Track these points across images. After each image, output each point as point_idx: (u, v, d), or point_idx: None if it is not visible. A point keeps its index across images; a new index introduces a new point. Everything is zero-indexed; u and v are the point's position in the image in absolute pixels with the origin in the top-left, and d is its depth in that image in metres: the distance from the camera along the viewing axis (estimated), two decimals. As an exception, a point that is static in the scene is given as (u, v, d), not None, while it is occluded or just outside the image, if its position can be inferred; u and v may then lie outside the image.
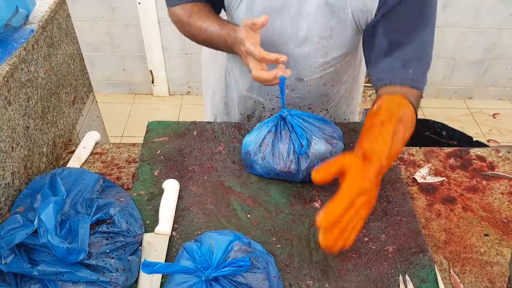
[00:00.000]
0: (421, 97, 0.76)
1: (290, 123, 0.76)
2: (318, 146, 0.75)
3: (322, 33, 0.80)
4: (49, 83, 0.85)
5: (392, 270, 0.66)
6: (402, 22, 0.76)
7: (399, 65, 0.75)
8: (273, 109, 0.95)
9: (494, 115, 2.35)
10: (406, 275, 0.65)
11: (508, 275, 0.64)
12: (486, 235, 0.73)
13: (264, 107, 0.96)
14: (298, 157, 0.76)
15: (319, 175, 0.57)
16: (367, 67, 0.84)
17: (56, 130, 0.88)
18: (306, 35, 0.80)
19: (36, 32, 0.80)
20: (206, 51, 1.04)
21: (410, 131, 0.67)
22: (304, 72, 0.86)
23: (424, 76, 0.76)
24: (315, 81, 0.88)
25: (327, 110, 0.97)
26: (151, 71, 2.31)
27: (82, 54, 1.03)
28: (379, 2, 0.74)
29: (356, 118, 1.08)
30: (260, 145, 0.77)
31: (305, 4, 0.76)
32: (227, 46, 0.78)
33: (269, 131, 0.77)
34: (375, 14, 0.76)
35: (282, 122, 0.77)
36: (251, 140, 0.78)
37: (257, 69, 0.69)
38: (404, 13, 0.75)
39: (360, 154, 0.60)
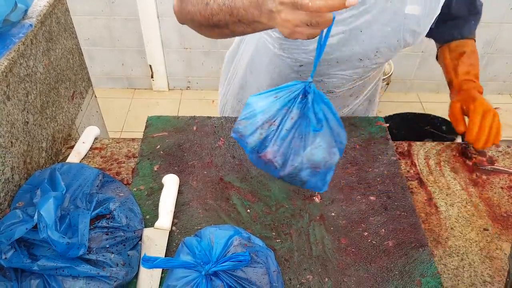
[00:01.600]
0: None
1: (310, 102, 0.58)
2: (317, 151, 0.59)
3: (368, 55, 0.78)
4: (48, 78, 0.85)
5: (392, 265, 0.66)
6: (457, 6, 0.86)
7: (462, 22, 0.90)
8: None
9: (494, 110, 2.35)
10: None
11: (508, 269, 0.64)
12: (486, 229, 0.73)
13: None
14: (290, 152, 0.60)
15: (461, 127, 0.84)
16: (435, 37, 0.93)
17: (56, 125, 0.88)
18: (352, 54, 0.78)
19: (35, 26, 0.79)
20: (230, 53, 1.01)
21: (476, 54, 0.92)
22: (336, 85, 0.86)
23: (476, 24, 0.92)
24: (344, 93, 0.89)
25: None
26: (150, 66, 2.30)
27: (81, 49, 1.03)
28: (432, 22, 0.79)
29: None
30: (267, 121, 0.59)
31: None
32: (255, 8, 0.57)
33: (285, 106, 0.58)
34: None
35: (301, 97, 0.58)
36: (261, 109, 0.59)
37: None
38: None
39: (459, 92, 0.87)
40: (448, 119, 0.88)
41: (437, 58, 0.97)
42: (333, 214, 0.73)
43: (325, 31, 0.52)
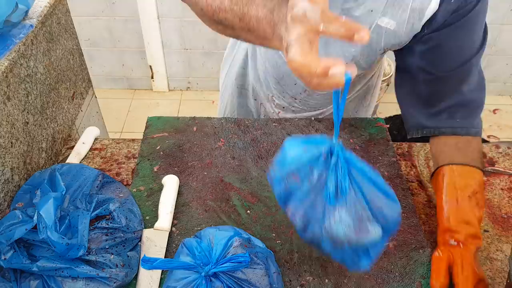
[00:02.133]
0: (480, 141, 0.73)
1: (332, 167, 0.48)
2: (337, 227, 0.48)
3: (350, 55, 0.76)
4: (48, 79, 0.85)
5: (392, 266, 0.66)
6: (445, 81, 0.70)
7: (445, 116, 0.72)
8: (283, 107, 0.94)
9: (494, 111, 2.35)
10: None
11: (508, 270, 0.64)
12: (486, 231, 0.73)
13: (275, 105, 0.95)
14: (310, 216, 0.50)
15: (438, 285, 0.61)
16: (400, 103, 0.78)
17: (56, 125, 0.88)
18: (337, 56, 0.76)
19: (35, 27, 0.79)
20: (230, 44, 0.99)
21: (482, 196, 0.68)
22: None
23: (474, 120, 0.72)
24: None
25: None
26: (150, 66, 2.31)
27: (81, 49, 1.03)
28: (413, 37, 0.69)
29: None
30: (292, 174, 0.51)
31: None
32: (268, 24, 0.49)
33: (309, 163, 0.50)
34: (409, 43, 0.71)
35: (324, 157, 0.50)
36: (290, 159, 0.51)
37: (304, 49, 0.40)
38: (446, 67, 0.69)
39: (451, 241, 0.64)
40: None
41: (431, 177, 0.75)
42: (333, 215, 0.73)
43: (342, 91, 0.42)
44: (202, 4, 0.58)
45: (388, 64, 2.21)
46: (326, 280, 0.64)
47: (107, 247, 0.62)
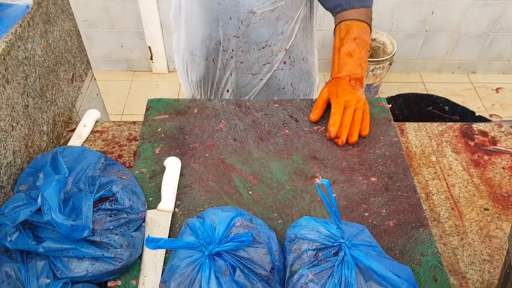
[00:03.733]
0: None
1: (337, 266, 0.54)
2: None
3: None
4: (46, 61, 0.84)
5: (392, 244, 0.67)
6: None
7: None
8: (232, 50, 0.99)
9: (497, 90, 2.33)
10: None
11: (507, 248, 0.65)
12: (486, 209, 0.74)
13: (224, 50, 1.00)
14: None
15: (315, 116, 0.84)
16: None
17: (56, 108, 0.88)
18: None
19: (32, 8, 0.78)
20: (173, 11, 1.07)
21: (366, 41, 0.89)
22: (255, 4, 0.90)
23: None
24: (268, 14, 0.93)
25: (286, 49, 1.01)
26: (149, 47, 2.28)
27: (79, 31, 1.01)
28: None
29: (314, 57, 1.11)
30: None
31: None
32: None
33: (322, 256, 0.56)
34: None
35: (333, 252, 0.56)
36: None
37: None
38: None
39: (332, 80, 0.86)
40: (451, 99, 0.88)
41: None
42: (334, 195, 0.73)
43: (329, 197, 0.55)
44: None
45: (391, 42, 2.18)
46: (328, 259, 0.65)
47: (111, 228, 0.63)
